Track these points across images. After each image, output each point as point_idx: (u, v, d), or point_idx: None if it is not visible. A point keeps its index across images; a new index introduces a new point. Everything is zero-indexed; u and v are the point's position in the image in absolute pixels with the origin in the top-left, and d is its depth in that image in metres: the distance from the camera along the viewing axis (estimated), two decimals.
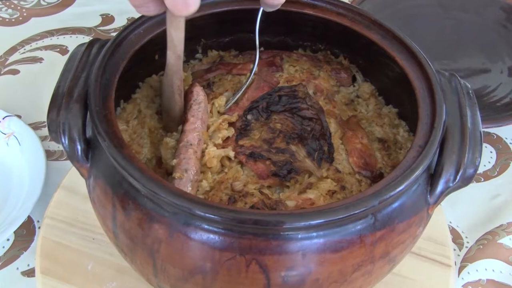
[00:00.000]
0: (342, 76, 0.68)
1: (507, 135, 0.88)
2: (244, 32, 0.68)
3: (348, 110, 0.65)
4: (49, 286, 0.63)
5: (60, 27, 1.01)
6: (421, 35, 0.69)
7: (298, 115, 0.61)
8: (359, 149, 0.59)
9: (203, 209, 0.42)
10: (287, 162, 0.57)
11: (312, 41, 0.70)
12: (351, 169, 0.58)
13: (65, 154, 0.80)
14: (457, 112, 0.53)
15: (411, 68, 0.58)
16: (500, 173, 0.83)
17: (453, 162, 0.50)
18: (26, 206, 0.69)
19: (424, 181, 0.50)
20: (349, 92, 0.68)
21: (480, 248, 0.72)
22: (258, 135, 0.60)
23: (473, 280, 0.69)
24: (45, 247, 0.66)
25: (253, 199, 0.53)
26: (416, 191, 0.49)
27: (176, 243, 0.45)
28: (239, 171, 0.57)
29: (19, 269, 0.68)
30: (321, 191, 0.54)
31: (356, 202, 0.44)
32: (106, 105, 0.51)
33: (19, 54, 0.95)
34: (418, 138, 0.51)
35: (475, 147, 0.51)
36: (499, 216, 0.76)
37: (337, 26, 0.63)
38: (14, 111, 0.83)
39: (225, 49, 0.71)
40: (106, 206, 0.49)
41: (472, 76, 0.94)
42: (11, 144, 0.78)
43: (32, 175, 0.74)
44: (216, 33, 0.69)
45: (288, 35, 0.70)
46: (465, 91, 0.56)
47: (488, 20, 1.00)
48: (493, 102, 0.89)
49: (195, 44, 0.70)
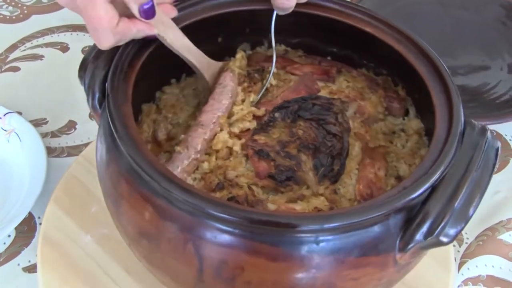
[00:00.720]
0: (394, 105, 0.65)
1: (507, 132, 0.89)
2: (312, 38, 0.68)
3: (383, 139, 0.62)
4: (50, 282, 0.63)
5: (61, 24, 1.01)
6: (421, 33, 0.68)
7: (323, 128, 0.59)
8: (370, 179, 0.57)
9: (163, 180, 0.44)
10: (290, 169, 0.56)
11: (376, 64, 0.68)
12: (353, 195, 0.56)
13: (65, 151, 0.81)
14: (463, 168, 0.48)
15: (441, 114, 0.54)
16: (500, 169, 0.83)
17: (430, 216, 0.45)
18: (27, 202, 0.69)
19: (397, 225, 0.46)
20: (395, 123, 0.65)
21: (480, 244, 0.72)
22: (277, 135, 0.59)
23: (473, 276, 0.69)
24: (46, 243, 0.66)
25: (239, 191, 0.53)
26: (382, 232, 0.45)
27: (134, 203, 0.47)
28: (242, 163, 0.57)
29: (20, 265, 0.68)
30: (310, 206, 0.54)
31: (301, 218, 0.43)
32: (131, 64, 0.54)
33: (20, 52, 0.95)
34: (408, 180, 0.48)
35: (462, 211, 0.46)
36: (498, 213, 0.76)
37: (400, 57, 0.61)
38: (14, 107, 0.83)
39: (293, 47, 0.71)
40: (101, 150, 0.53)
41: (472, 73, 0.94)
42: (12, 140, 0.78)
43: (33, 171, 0.74)
44: (285, 32, 0.69)
45: (355, 52, 0.69)
46: (489, 150, 0.50)
47: (488, 18, 1.00)
48: (493, 99, 0.89)
49: (261, 37, 0.70)
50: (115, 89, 0.52)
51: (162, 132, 0.62)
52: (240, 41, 0.70)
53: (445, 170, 0.48)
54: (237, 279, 0.45)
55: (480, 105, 0.87)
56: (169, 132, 0.62)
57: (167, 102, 0.65)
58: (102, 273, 0.64)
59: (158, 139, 0.61)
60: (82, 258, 0.65)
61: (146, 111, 0.63)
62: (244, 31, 0.69)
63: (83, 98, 0.73)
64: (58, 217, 0.69)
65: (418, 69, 0.59)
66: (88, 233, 0.67)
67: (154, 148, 0.61)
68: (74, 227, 0.68)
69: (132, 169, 0.47)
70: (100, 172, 0.54)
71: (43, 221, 0.68)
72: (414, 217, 0.46)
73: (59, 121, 0.85)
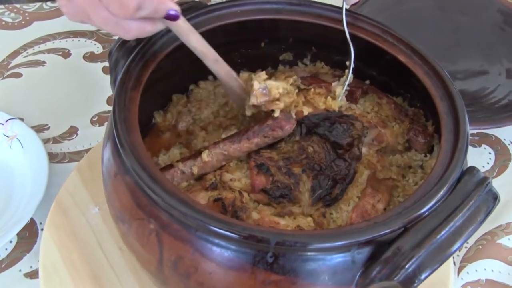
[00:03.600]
0: (418, 140, 0.62)
1: (506, 136, 0.89)
2: (360, 61, 0.65)
3: (395, 172, 0.61)
4: (50, 243, 0.66)
5: (62, 30, 1.01)
6: (420, 38, 0.69)
7: (335, 151, 0.58)
8: (366, 209, 0.55)
9: (141, 172, 0.47)
10: (286, 187, 0.55)
11: (412, 95, 0.66)
12: (345, 222, 0.55)
13: (67, 157, 0.81)
14: (444, 216, 0.46)
15: (443, 157, 0.52)
16: (499, 174, 0.84)
17: (393, 258, 0.43)
18: (29, 208, 0.70)
19: (361, 259, 0.44)
20: (415, 159, 0.62)
21: (479, 248, 0.73)
22: (284, 150, 0.59)
23: (472, 280, 0.70)
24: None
25: (228, 195, 0.54)
26: (341, 262, 0.44)
27: (116, 185, 0.51)
28: (242, 169, 0.57)
29: (21, 271, 0.68)
30: (294, 223, 0.53)
31: (253, 229, 0.43)
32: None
33: (22, 58, 0.96)
34: (381, 216, 0.46)
35: (430, 259, 0.43)
36: (498, 217, 0.76)
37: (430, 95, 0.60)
38: (17, 113, 0.83)
39: (333, 66, 0.71)
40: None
41: (471, 78, 0.94)
42: (14, 146, 0.78)
43: (35, 177, 0.74)
44: (330, 48, 0.69)
45: (393, 79, 0.67)
46: (483, 203, 0.48)
47: (486, 23, 1.01)
48: (491, 104, 0.90)
49: (305, 50, 0.71)
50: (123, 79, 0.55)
51: (182, 125, 0.65)
52: (283, 49, 0.71)
53: (424, 213, 0.45)
54: (191, 278, 0.46)
55: (479, 110, 0.88)
56: (188, 126, 0.65)
57: (196, 96, 0.68)
58: (98, 246, 0.67)
59: (178, 129, 0.65)
60: (84, 227, 0.68)
61: (175, 101, 0.67)
62: (287, 40, 0.69)
63: (85, 103, 0.75)
64: (75, 185, 0.72)
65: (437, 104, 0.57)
66: (97, 205, 0.71)
67: (172, 137, 0.64)
68: (86, 197, 0.71)
69: (119, 155, 0.50)
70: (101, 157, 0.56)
71: (61, 190, 0.71)
72: (379, 255, 0.44)
73: (61, 127, 0.85)
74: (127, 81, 0.54)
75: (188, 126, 0.65)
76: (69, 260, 0.65)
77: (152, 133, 0.65)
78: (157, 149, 0.63)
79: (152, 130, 0.65)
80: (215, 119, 0.66)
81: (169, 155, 0.62)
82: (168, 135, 0.65)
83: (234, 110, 0.67)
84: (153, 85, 0.58)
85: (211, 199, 0.54)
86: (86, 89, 0.91)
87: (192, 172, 0.57)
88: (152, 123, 0.66)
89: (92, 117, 0.87)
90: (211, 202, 0.54)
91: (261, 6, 0.65)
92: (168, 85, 0.65)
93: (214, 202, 0.53)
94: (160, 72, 0.58)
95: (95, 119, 0.86)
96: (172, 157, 0.61)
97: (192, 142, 0.64)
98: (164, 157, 0.62)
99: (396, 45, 0.63)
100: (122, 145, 0.48)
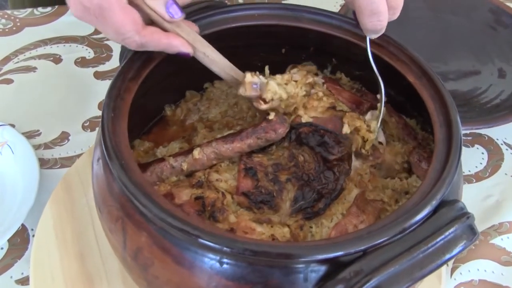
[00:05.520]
0: (421, 165, 0.59)
1: (498, 136, 0.89)
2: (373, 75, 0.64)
3: (388, 196, 0.59)
4: (49, 214, 0.67)
5: (54, 36, 1.01)
6: (411, 38, 0.69)
7: (325, 164, 0.57)
8: (347, 229, 0.53)
9: (117, 166, 0.48)
10: (269, 193, 0.55)
11: (425, 119, 0.62)
12: (322, 238, 0.54)
13: (59, 162, 0.81)
14: (408, 245, 0.44)
15: (426, 184, 0.50)
16: (492, 174, 0.83)
17: (345, 281, 0.42)
18: (20, 214, 0.69)
19: (315, 278, 0.43)
20: (415, 185, 0.60)
21: (472, 248, 0.72)
22: (275, 155, 0.58)
23: (465, 281, 0.69)
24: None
25: (211, 194, 0.54)
26: (292, 279, 0.43)
27: (97, 169, 0.53)
28: (232, 170, 0.57)
29: (13, 277, 0.68)
30: (269, 231, 0.53)
31: (209, 234, 0.43)
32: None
33: (13, 64, 0.96)
34: (344, 236, 0.46)
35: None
36: (490, 217, 0.76)
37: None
38: (7, 120, 0.83)
39: (353, 78, 0.70)
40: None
41: (463, 78, 0.94)
42: (4, 153, 0.78)
43: (26, 183, 0.74)
44: (350, 63, 0.68)
45: (408, 101, 0.65)
46: (456, 239, 0.46)
47: (477, 23, 1.01)
48: (484, 104, 0.90)
49: (326, 61, 0.70)
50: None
51: (189, 122, 0.68)
52: (304, 58, 0.70)
53: (385, 241, 0.44)
54: (148, 270, 0.47)
55: (471, 110, 0.88)
56: (194, 123, 0.67)
57: (209, 95, 0.69)
58: (91, 227, 0.68)
59: (185, 125, 0.67)
60: (82, 206, 0.70)
61: (188, 97, 0.69)
62: (308, 49, 0.69)
63: (76, 109, 0.76)
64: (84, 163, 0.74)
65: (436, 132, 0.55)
66: None
67: (179, 132, 0.67)
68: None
69: (104, 140, 0.51)
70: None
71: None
72: (334, 276, 0.42)
73: (52, 133, 0.85)
74: (127, 71, 0.55)
75: (193, 124, 0.67)
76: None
77: (160, 125, 0.68)
78: (161, 141, 0.65)
79: (161, 122, 0.68)
80: (223, 118, 0.67)
81: (168, 148, 0.63)
82: (175, 129, 0.67)
83: (243, 112, 0.67)
84: (166, 79, 0.60)
85: (192, 197, 0.54)
86: (77, 94, 0.91)
87: (182, 168, 0.57)
88: (161, 114, 0.69)
89: (83, 122, 0.86)
90: (192, 200, 0.54)
91: (278, 12, 0.64)
92: (182, 81, 0.67)
93: (195, 200, 0.54)
94: (173, 66, 0.58)
95: (87, 124, 0.86)
96: (170, 150, 0.63)
97: (193, 139, 0.65)
98: (163, 150, 0.63)
99: (409, 65, 0.61)
100: (103, 132, 0.50)
